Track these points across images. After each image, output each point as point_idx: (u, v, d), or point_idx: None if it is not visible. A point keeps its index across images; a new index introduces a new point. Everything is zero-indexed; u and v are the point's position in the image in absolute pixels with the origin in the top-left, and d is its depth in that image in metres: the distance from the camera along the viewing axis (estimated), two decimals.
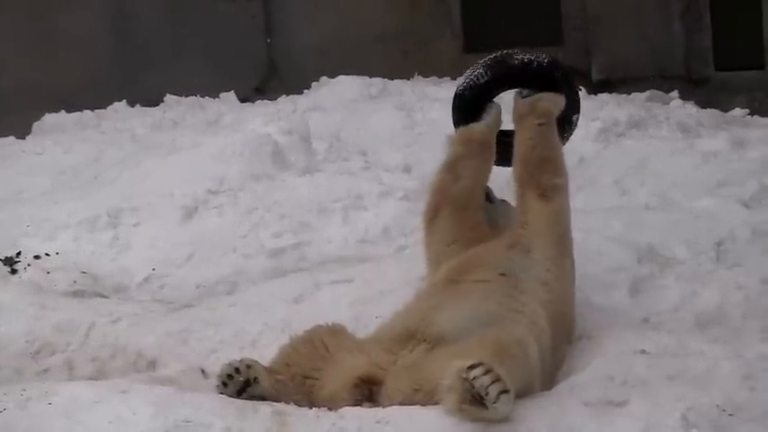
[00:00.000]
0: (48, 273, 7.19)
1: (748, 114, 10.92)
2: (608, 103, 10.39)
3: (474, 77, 6.11)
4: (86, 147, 9.67)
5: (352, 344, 5.29)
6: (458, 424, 4.72)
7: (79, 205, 7.85)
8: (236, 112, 10.74)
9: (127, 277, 7.28)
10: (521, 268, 5.60)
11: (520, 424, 4.75)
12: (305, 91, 11.54)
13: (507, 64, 6.09)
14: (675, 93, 11.70)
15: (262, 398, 5.06)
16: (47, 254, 7.39)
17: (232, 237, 7.50)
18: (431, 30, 13.39)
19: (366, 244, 7.46)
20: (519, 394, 4.81)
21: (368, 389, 5.00)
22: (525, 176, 5.89)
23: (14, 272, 7.20)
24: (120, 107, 11.75)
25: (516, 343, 4.97)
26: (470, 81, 6.12)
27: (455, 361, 4.69)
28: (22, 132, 10.87)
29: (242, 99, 11.81)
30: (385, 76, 11.22)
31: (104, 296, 7.03)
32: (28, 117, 11.36)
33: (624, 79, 12.90)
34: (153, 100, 11.84)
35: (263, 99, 11.85)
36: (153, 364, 6.13)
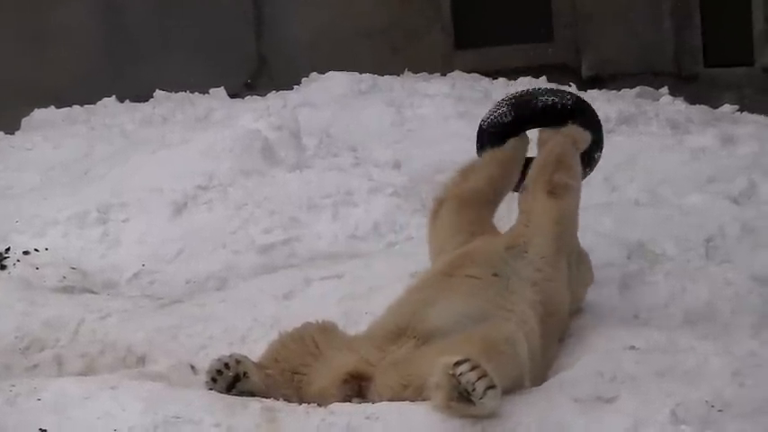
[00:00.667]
0: (37, 269, 7.18)
1: (738, 111, 10.94)
2: (598, 100, 10.37)
3: (499, 116, 6.20)
4: (76, 142, 9.65)
5: (341, 341, 5.29)
6: (447, 419, 4.72)
7: (69, 201, 7.83)
8: (225, 108, 10.72)
9: (116, 273, 7.27)
10: (513, 271, 5.61)
11: (509, 420, 4.75)
12: (295, 87, 11.52)
13: (531, 105, 6.17)
14: (665, 89, 11.72)
15: (251, 393, 5.06)
16: (36, 250, 7.37)
17: (222, 233, 7.49)
18: (421, 25, 13.38)
19: (356, 240, 7.45)
20: (507, 390, 4.82)
21: (357, 385, 5.00)
22: (538, 174, 5.94)
23: (3, 268, 7.19)
24: (109, 103, 11.72)
25: (505, 340, 4.97)
26: (495, 119, 6.21)
27: (442, 358, 4.70)
28: (11, 128, 10.84)
29: (232, 95, 11.80)
30: (375, 72, 11.21)
31: (94, 292, 7.02)
32: (17, 112, 11.33)
33: (614, 76, 12.92)
34: (142, 95, 11.80)
35: (253, 95, 11.83)
36: (142, 360, 6.12)
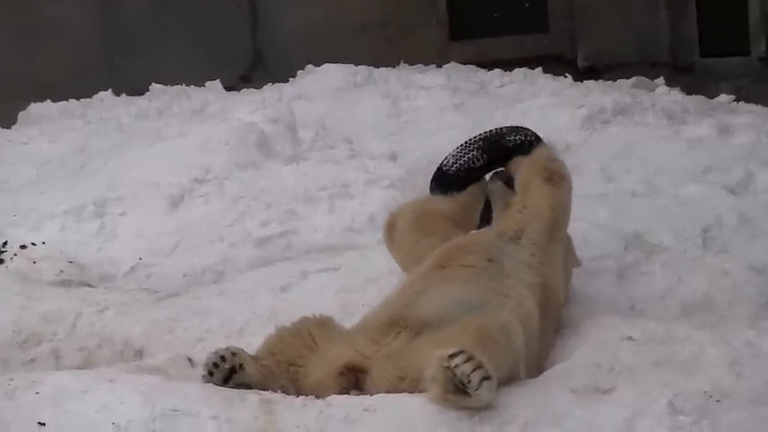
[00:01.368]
0: (34, 262, 7.17)
1: (734, 101, 10.92)
2: (594, 90, 10.39)
3: (469, 161, 6.23)
4: (72, 136, 9.65)
5: (338, 335, 5.29)
6: (443, 411, 4.72)
7: (65, 195, 7.83)
8: (221, 101, 10.71)
9: (113, 266, 7.26)
10: (507, 255, 5.62)
11: (505, 411, 4.76)
12: (290, 79, 11.52)
13: (502, 146, 6.21)
14: (661, 79, 11.69)
15: (248, 385, 5.06)
16: (33, 243, 7.37)
17: (218, 226, 7.49)
18: (416, 18, 13.37)
19: (352, 232, 7.45)
20: (503, 380, 4.83)
21: (354, 377, 5.00)
22: (532, 166, 5.98)
23: (1, 262, 7.18)
24: (105, 96, 11.71)
25: (499, 329, 4.97)
26: (465, 164, 6.23)
27: (437, 350, 4.70)
28: (8, 122, 10.84)
29: (227, 88, 11.79)
30: (370, 65, 11.21)
31: (91, 285, 7.01)
32: (13, 106, 11.33)
33: (610, 66, 12.92)
34: (138, 89, 11.81)
35: (249, 87, 11.82)
36: (140, 354, 6.12)
